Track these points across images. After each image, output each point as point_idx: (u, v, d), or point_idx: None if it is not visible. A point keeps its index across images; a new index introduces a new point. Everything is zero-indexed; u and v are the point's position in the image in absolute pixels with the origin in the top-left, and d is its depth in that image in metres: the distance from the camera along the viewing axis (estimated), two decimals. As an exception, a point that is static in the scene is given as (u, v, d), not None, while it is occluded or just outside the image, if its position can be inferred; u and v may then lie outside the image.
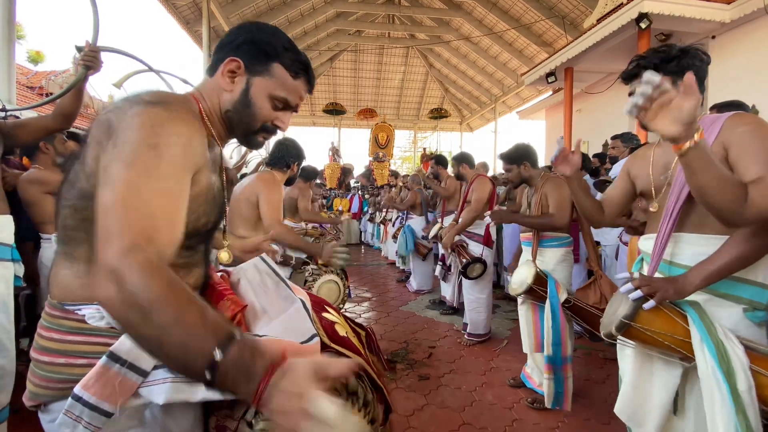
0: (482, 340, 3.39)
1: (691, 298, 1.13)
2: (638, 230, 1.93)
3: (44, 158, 2.41)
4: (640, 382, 1.22)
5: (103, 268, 0.56)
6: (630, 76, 1.31)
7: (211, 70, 0.84)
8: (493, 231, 3.47)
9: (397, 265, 6.23)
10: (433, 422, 2.19)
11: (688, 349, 1.07)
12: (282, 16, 9.78)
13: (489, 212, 2.71)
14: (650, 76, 0.90)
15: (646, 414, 1.21)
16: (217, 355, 0.53)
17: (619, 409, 1.26)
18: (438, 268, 4.02)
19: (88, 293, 0.71)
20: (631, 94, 1.33)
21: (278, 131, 0.90)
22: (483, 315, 3.37)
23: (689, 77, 0.90)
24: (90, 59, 1.69)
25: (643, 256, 1.39)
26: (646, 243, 1.36)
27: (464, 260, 3.26)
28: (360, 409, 0.77)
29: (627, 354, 1.32)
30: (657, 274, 1.27)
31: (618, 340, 1.19)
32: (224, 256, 0.93)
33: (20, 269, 2.01)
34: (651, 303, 1.10)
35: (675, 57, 1.23)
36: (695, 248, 1.19)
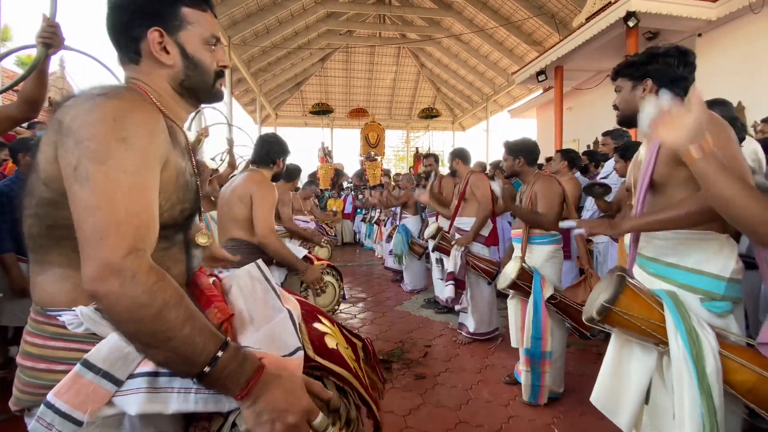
0: (492, 336, 3.36)
1: (656, 287, 1.25)
2: None
3: None
4: (618, 370, 1.28)
5: (103, 266, 0.59)
6: (615, 75, 1.49)
7: (130, 56, 0.78)
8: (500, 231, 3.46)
9: (388, 265, 6.12)
10: (429, 421, 2.20)
11: (663, 333, 1.14)
12: (272, 16, 9.72)
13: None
14: (663, 99, 0.99)
15: (622, 402, 1.26)
16: (220, 353, 0.63)
17: (595, 397, 1.32)
18: (448, 289, 3.34)
19: (66, 298, 0.71)
20: (617, 89, 1.46)
21: (224, 71, 0.87)
22: (488, 312, 3.36)
23: (694, 95, 0.96)
24: (49, 36, 1.47)
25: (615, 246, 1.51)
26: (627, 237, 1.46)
27: (492, 269, 3.18)
28: (342, 428, 0.75)
29: (611, 349, 1.38)
30: (635, 267, 1.37)
31: (598, 325, 1.26)
32: (203, 239, 0.89)
33: None
34: (580, 231, 1.38)
35: (640, 63, 1.38)
36: (658, 241, 1.29)
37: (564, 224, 1.51)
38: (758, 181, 2.00)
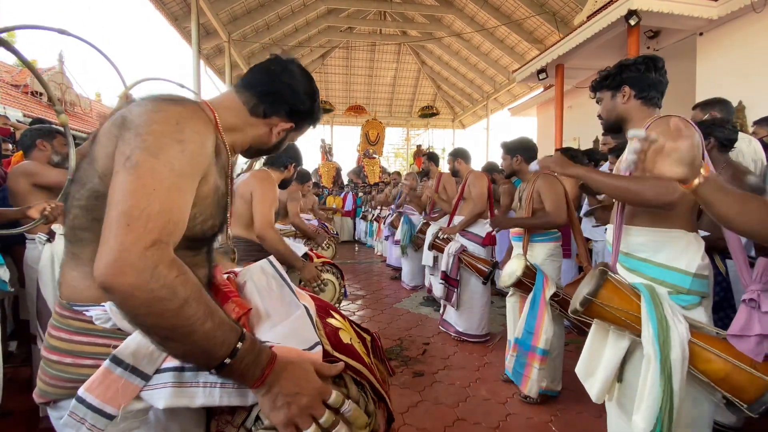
0: (482, 341, 3.34)
1: (634, 281, 1.33)
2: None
3: (40, 155, 2.37)
4: (594, 351, 1.41)
5: (122, 255, 0.57)
6: (593, 90, 1.58)
7: (255, 108, 0.88)
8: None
9: (389, 262, 6.11)
10: (427, 418, 2.21)
11: (639, 324, 1.22)
12: (272, 12, 9.68)
13: (489, 220, 2.69)
14: (635, 133, 0.89)
15: (595, 376, 1.39)
16: (239, 344, 0.64)
17: (577, 368, 1.46)
18: (439, 288, 3.44)
19: (95, 294, 0.72)
20: (598, 101, 1.57)
21: None
22: (479, 315, 3.33)
23: (674, 122, 0.92)
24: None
25: (607, 245, 1.54)
26: (608, 234, 1.54)
27: (485, 269, 3.16)
28: None
29: (591, 331, 1.48)
30: (618, 265, 1.44)
31: (581, 317, 1.34)
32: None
33: (6, 273, 1.96)
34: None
35: (615, 74, 1.47)
36: (632, 238, 1.38)
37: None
38: (752, 182, 2.02)
